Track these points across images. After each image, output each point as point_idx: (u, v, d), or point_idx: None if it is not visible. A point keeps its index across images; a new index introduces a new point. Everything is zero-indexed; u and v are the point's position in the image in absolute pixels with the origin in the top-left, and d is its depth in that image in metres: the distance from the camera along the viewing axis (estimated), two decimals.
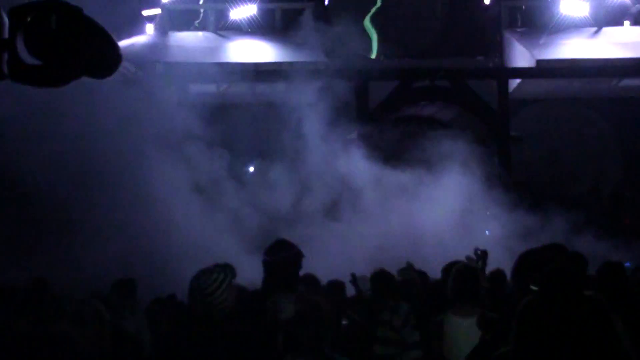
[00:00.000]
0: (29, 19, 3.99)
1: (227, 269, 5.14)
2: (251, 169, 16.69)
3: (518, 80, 19.01)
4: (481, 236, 13.14)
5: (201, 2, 19.44)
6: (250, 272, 6.43)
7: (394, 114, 18.17)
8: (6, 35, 3.92)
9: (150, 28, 18.73)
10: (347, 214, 14.44)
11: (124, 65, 17.54)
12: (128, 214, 12.46)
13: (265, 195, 14.45)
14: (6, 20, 3.93)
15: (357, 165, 14.50)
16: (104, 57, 4.28)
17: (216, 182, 14.04)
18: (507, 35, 19.66)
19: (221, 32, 19.08)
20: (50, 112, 11.42)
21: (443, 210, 13.95)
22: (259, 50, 18.40)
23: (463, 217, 14.10)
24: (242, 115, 14.63)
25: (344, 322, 7.49)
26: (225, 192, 14.05)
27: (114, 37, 4.35)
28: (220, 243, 12.53)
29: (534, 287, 3.95)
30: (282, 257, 6.18)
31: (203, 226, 13.28)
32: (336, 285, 8.57)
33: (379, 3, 20.53)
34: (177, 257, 11.37)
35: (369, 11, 21.01)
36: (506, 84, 18.37)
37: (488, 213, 14.39)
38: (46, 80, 4.11)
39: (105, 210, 12.39)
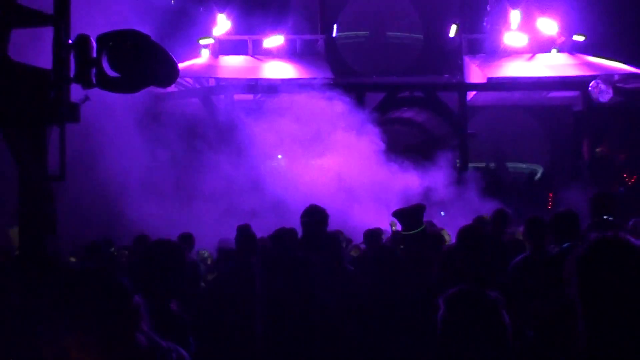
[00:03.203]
0: (111, 44, 4.07)
1: None
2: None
3: (474, 92, 18.95)
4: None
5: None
6: None
7: (383, 116, 18.07)
8: (94, 55, 4.01)
9: (205, 52, 18.80)
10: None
11: (185, 78, 17.62)
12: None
13: None
14: (94, 44, 4.01)
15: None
16: (166, 71, 4.36)
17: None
18: (466, 59, 19.56)
19: (257, 56, 19.10)
20: None
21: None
22: (284, 70, 18.42)
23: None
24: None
25: None
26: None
27: (174, 58, 4.43)
28: None
29: None
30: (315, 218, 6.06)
31: None
32: None
33: None
34: None
35: (366, 43, 21.04)
36: (465, 95, 18.31)
37: (442, 214, 12.79)
38: (124, 88, 4.20)
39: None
